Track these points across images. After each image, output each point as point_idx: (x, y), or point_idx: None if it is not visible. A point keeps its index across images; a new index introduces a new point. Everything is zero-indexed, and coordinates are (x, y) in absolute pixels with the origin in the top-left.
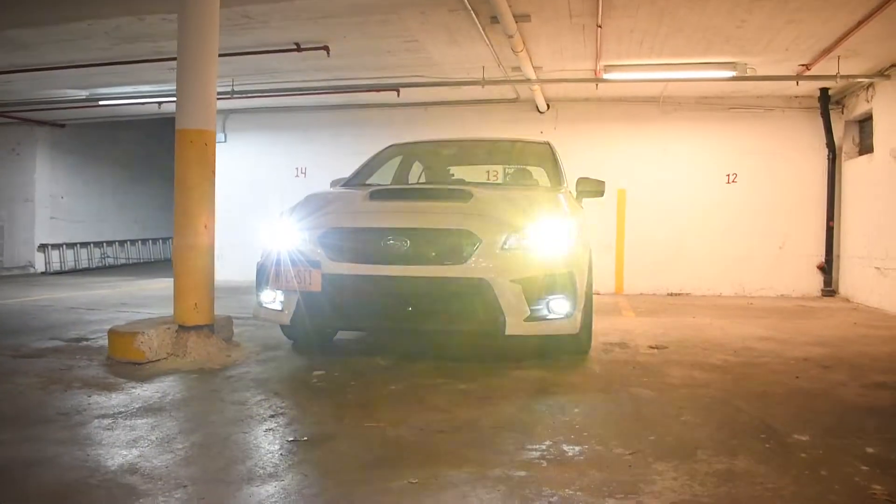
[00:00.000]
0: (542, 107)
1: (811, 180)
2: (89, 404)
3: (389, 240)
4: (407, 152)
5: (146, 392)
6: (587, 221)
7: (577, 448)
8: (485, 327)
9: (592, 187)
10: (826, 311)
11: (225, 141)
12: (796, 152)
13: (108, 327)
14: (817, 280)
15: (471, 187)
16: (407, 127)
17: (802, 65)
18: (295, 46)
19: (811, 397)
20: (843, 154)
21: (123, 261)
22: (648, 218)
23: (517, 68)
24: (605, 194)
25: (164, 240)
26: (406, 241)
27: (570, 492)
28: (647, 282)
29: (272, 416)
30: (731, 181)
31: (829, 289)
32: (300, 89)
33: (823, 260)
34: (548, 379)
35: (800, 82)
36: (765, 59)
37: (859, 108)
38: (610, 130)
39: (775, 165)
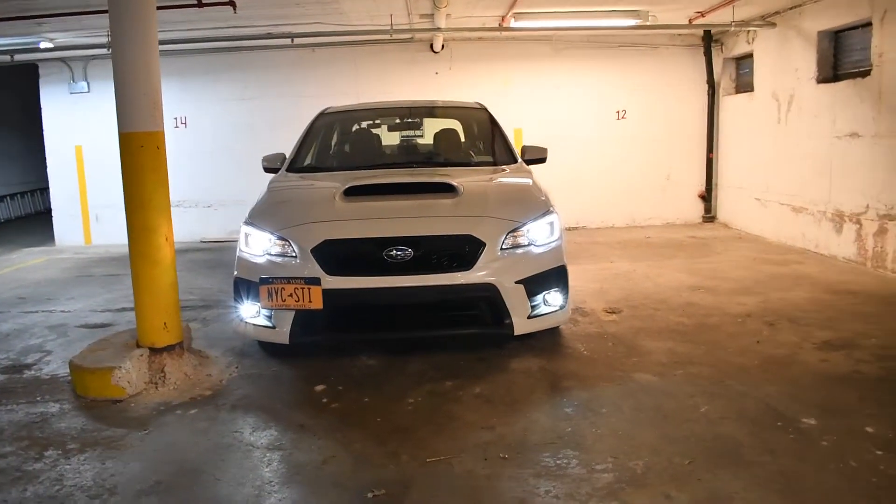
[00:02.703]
0: (437, 47)
1: (693, 115)
2: (113, 480)
3: (392, 250)
4: (341, 119)
5: (159, 445)
6: None
7: (640, 462)
8: (492, 329)
9: (538, 154)
10: (718, 243)
11: (88, 91)
12: (680, 88)
13: (38, 343)
14: (699, 208)
15: (448, 176)
16: (294, 69)
17: (698, 12)
18: (196, 2)
19: (783, 367)
20: (721, 90)
21: None
22: None
23: (427, 15)
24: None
25: (12, 196)
26: (410, 251)
27: None
28: None
29: (323, 463)
30: (620, 117)
31: (710, 215)
32: (187, 39)
33: (704, 189)
34: (548, 369)
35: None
36: (666, 8)
37: (738, 48)
38: (505, 70)
39: (661, 101)
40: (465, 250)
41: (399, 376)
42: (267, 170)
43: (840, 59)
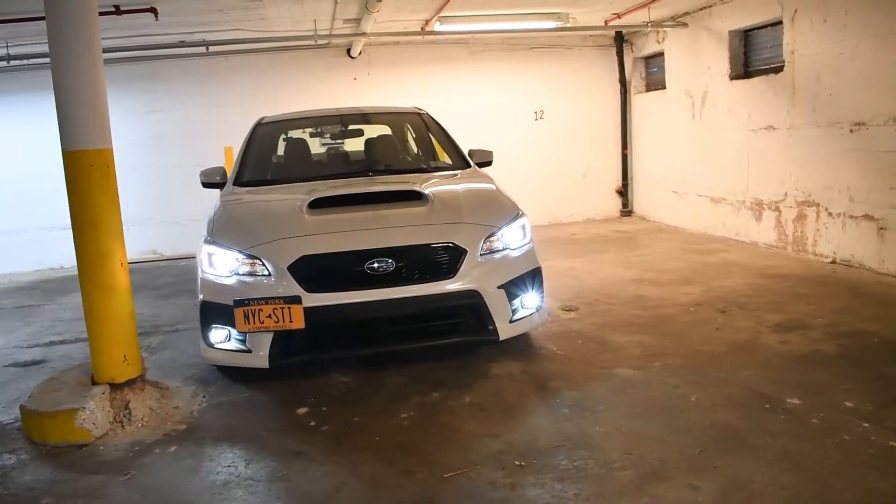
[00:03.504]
0: (356, 52)
1: (607, 113)
2: None
3: (374, 262)
4: (281, 128)
5: (148, 489)
6: None
7: (654, 456)
8: (475, 336)
9: (485, 158)
10: (642, 235)
11: None
12: (594, 88)
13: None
14: (616, 202)
15: (411, 184)
16: (207, 79)
17: (615, 14)
18: (114, 9)
19: (750, 352)
20: (632, 88)
21: None
22: None
23: (351, 20)
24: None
25: None
26: (392, 262)
27: None
28: None
29: (336, 490)
30: (538, 118)
31: (627, 209)
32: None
33: (621, 185)
34: (530, 372)
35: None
36: (585, 10)
37: (648, 48)
38: (423, 73)
39: (576, 101)
40: (446, 258)
41: (381, 391)
42: (206, 185)
43: (750, 56)
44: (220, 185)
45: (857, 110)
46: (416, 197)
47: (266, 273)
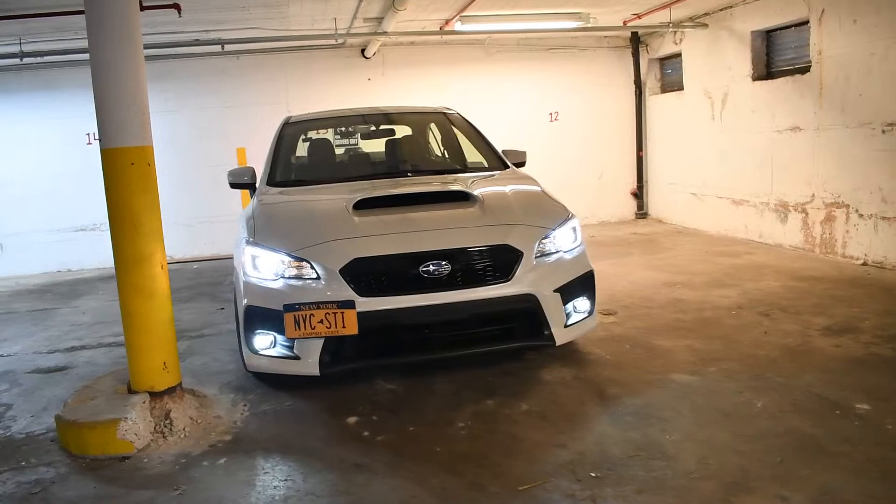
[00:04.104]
0: (370, 52)
1: (622, 115)
2: None
3: (429, 265)
4: (311, 127)
5: None
6: None
7: (733, 465)
8: (530, 341)
9: (519, 158)
10: (663, 238)
11: None
12: (608, 89)
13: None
14: (631, 205)
15: (454, 184)
16: (219, 79)
17: (635, 14)
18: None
19: (805, 355)
20: (647, 90)
21: None
22: None
23: (372, 19)
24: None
25: None
26: (447, 264)
27: None
28: None
29: None
30: (553, 119)
31: (642, 212)
32: None
33: (636, 187)
34: (584, 378)
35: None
36: (607, 10)
37: (664, 49)
38: (438, 74)
39: (591, 102)
40: (502, 261)
41: (431, 399)
42: (234, 185)
43: (773, 57)
44: (248, 186)
45: (890, 110)
46: (463, 198)
47: (315, 276)
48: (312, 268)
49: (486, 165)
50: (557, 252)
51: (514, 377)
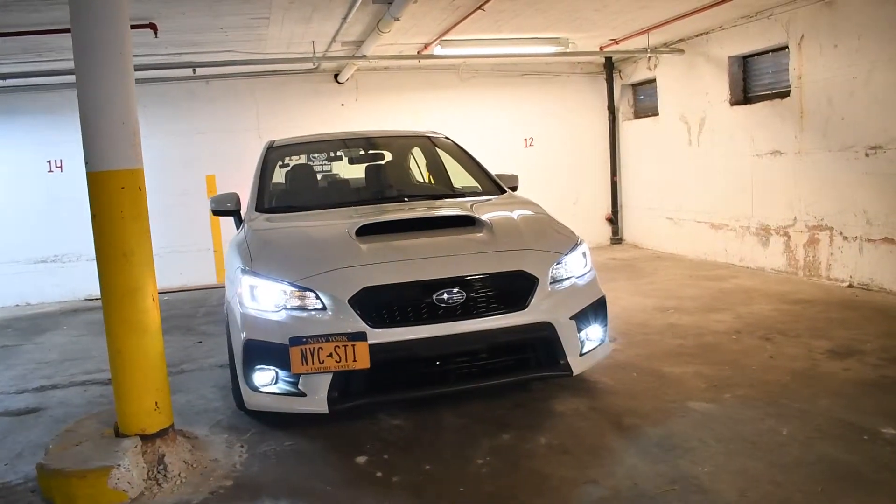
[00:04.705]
0: (344, 77)
1: (596, 140)
2: None
3: (443, 293)
4: (297, 151)
5: None
6: None
7: (774, 497)
8: (546, 372)
9: (511, 183)
10: (643, 263)
11: None
12: (582, 115)
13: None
14: (605, 230)
15: (463, 208)
16: (187, 104)
17: (612, 39)
18: None
19: (817, 380)
20: (620, 115)
21: None
22: None
23: (350, 42)
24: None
25: None
26: (462, 292)
27: None
28: None
29: None
30: (528, 145)
31: (617, 237)
32: (63, 70)
33: (611, 212)
34: (598, 408)
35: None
36: (585, 35)
37: (638, 75)
38: (413, 100)
39: (565, 128)
40: (517, 288)
41: (443, 434)
42: (217, 212)
43: (750, 82)
44: (231, 213)
45: (873, 134)
46: (469, 223)
47: (320, 307)
48: (318, 298)
49: (481, 189)
50: (570, 278)
51: (525, 409)
